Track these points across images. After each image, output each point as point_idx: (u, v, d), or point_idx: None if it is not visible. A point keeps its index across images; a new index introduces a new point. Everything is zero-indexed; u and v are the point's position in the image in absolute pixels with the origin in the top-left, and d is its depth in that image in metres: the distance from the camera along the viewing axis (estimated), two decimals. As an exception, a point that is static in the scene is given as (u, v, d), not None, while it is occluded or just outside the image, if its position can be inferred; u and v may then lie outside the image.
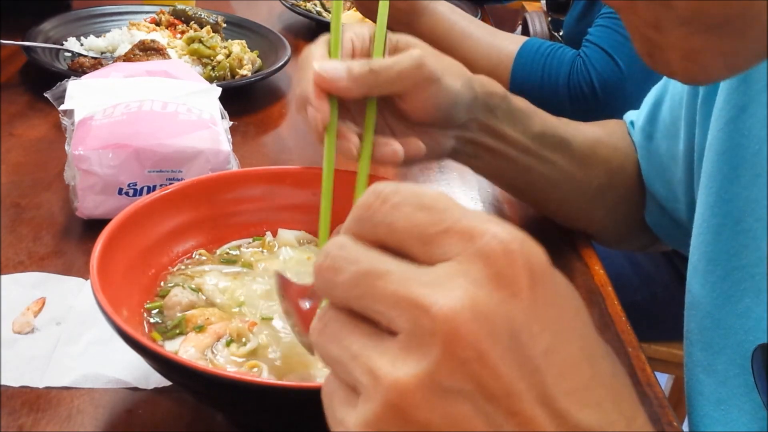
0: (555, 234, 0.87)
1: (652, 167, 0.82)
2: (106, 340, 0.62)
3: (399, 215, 0.34)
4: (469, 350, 0.31)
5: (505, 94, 0.76)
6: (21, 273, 0.71)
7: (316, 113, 0.63)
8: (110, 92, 0.85)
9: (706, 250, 0.66)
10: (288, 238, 0.69)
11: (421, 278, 0.33)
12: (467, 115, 0.72)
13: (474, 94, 0.72)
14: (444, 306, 0.31)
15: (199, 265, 0.66)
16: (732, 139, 0.64)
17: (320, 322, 0.35)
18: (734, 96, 0.65)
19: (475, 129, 0.74)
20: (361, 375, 0.33)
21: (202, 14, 1.28)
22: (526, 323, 0.32)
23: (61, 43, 1.19)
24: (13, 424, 0.56)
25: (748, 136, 0.63)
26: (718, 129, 0.66)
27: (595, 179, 0.82)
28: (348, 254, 0.34)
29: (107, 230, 0.59)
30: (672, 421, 0.63)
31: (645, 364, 0.69)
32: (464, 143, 0.74)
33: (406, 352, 0.32)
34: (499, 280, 0.32)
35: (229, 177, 0.71)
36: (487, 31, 1.28)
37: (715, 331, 0.63)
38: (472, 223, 0.33)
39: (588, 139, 0.82)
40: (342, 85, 0.63)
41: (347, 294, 0.34)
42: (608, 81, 1.21)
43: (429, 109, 0.68)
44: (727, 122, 0.65)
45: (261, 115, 1.11)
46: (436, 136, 0.72)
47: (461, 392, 0.32)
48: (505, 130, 0.75)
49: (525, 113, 0.77)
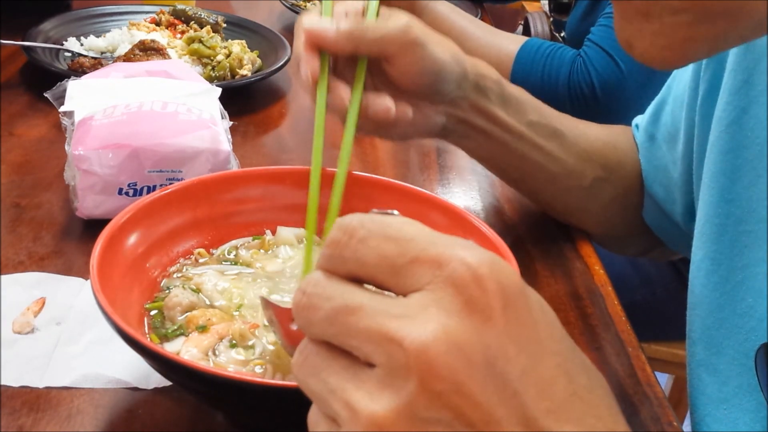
0: (555, 234, 0.87)
1: (652, 168, 0.82)
2: (106, 340, 0.62)
3: (367, 250, 0.35)
4: (445, 383, 0.31)
5: (498, 79, 0.77)
6: (21, 273, 0.71)
7: (307, 66, 0.65)
8: (110, 92, 0.85)
9: (709, 250, 0.66)
10: (287, 236, 0.69)
11: (393, 311, 0.33)
12: (457, 91, 0.73)
13: (464, 70, 0.73)
14: (416, 339, 0.32)
15: (199, 266, 0.66)
16: (734, 140, 0.65)
17: (300, 356, 0.36)
18: (736, 98, 0.65)
19: (466, 108, 0.75)
20: (340, 409, 0.33)
21: (202, 14, 1.28)
22: (501, 348, 0.32)
23: (61, 43, 1.19)
24: (13, 424, 0.56)
25: (750, 137, 0.63)
26: (720, 130, 0.66)
27: (590, 172, 0.82)
28: (322, 291, 0.35)
29: (107, 230, 0.59)
30: (672, 420, 0.63)
31: (645, 364, 0.69)
32: (456, 122, 0.75)
33: (383, 386, 0.32)
34: (471, 306, 0.32)
35: (229, 177, 0.71)
36: (487, 31, 1.28)
37: (717, 331, 0.63)
38: (440, 250, 0.33)
39: (586, 134, 0.83)
40: (330, 37, 0.66)
41: (324, 331, 0.35)
42: (608, 81, 1.21)
43: (414, 75, 0.70)
44: (729, 124, 0.65)
45: (261, 115, 1.11)
46: (426, 110, 0.73)
47: (440, 422, 0.32)
48: (497, 113, 0.76)
49: (519, 100, 0.78)
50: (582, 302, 0.77)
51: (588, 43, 1.24)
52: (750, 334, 0.60)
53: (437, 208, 0.69)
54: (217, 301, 0.62)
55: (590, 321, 0.74)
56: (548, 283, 0.79)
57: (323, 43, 0.66)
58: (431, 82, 0.71)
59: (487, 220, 0.88)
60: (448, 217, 0.68)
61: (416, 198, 0.70)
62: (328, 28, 0.66)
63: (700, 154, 0.71)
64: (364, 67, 0.68)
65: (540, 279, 0.79)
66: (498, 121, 0.76)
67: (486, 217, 0.90)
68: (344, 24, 0.66)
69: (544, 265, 0.81)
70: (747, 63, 0.66)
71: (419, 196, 0.70)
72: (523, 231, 0.88)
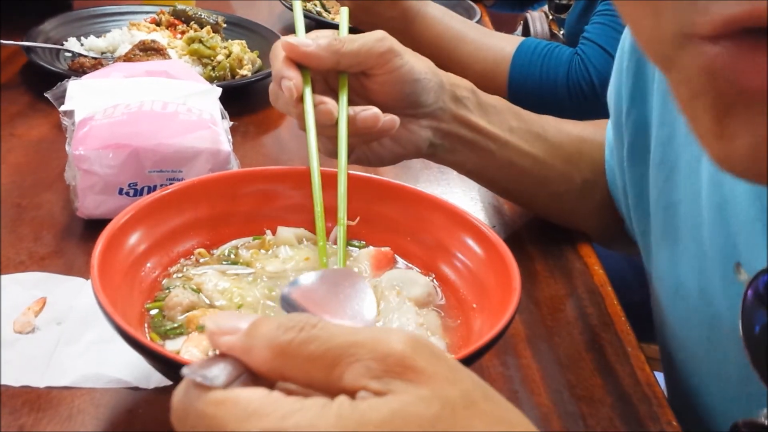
0: (555, 234, 0.87)
1: (611, 176, 0.83)
2: (107, 340, 0.62)
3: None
4: None
5: (472, 88, 0.78)
6: (21, 273, 0.71)
7: (290, 81, 0.67)
8: (110, 92, 0.85)
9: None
10: (287, 236, 0.69)
11: None
12: (436, 102, 0.75)
13: (440, 80, 0.75)
14: None
15: (199, 266, 0.66)
16: (672, 197, 0.68)
17: None
18: (667, 151, 0.68)
19: (449, 119, 0.76)
20: None
21: (202, 14, 1.29)
22: None
23: (61, 43, 1.19)
24: (13, 424, 0.56)
25: (683, 192, 0.66)
26: (659, 187, 0.69)
27: (578, 174, 0.83)
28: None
29: (107, 230, 0.59)
30: (671, 420, 0.63)
31: (645, 364, 0.69)
32: (441, 136, 0.76)
33: None
34: None
35: (229, 177, 0.71)
36: (481, 33, 1.28)
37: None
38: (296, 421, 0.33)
39: (570, 135, 0.83)
40: (310, 50, 0.69)
41: None
42: (607, 78, 1.20)
43: (394, 85, 0.72)
44: (665, 180, 0.68)
45: (261, 115, 1.11)
46: (411, 125, 0.74)
47: None
48: (479, 122, 0.77)
49: (497, 108, 0.79)
50: (581, 302, 0.77)
51: (584, 41, 1.24)
52: None
53: (437, 208, 0.69)
54: (217, 301, 0.62)
55: (590, 321, 0.74)
56: (548, 283, 0.79)
57: (304, 57, 0.69)
58: (411, 91, 0.73)
59: (487, 220, 0.88)
60: (448, 217, 0.68)
61: (416, 198, 0.70)
62: (308, 42, 0.69)
63: (633, 201, 0.74)
64: (346, 82, 0.71)
65: (540, 279, 0.79)
66: (481, 130, 0.77)
67: (486, 217, 0.90)
68: (322, 39, 0.69)
69: (543, 265, 0.82)
70: (668, 114, 0.67)
71: (419, 196, 0.70)
72: (522, 231, 0.88)
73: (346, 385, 0.34)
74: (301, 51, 0.69)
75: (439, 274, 0.68)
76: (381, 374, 0.34)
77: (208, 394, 0.35)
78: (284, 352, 0.35)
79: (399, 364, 0.34)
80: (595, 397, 0.65)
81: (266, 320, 0.37)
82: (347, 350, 0.34)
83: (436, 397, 0.33)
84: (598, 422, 0.63)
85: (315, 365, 0.35)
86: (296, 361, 0.35)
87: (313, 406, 0.33)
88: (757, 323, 0.54)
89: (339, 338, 0.35)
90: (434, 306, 0.65)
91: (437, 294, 0.66)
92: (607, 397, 0.65)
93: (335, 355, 0.34)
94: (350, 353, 0.34)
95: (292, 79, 0.68)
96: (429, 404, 0.33)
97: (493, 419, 0.34)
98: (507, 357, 0.68)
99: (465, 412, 0.34)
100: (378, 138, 0.73)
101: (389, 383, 0.33)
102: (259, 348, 0.36)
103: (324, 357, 0.34)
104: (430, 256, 0.68)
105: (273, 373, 0.36)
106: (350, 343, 0.34)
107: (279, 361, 0.35)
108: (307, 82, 0.69)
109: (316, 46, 0.69)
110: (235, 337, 0.37)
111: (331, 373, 0.34)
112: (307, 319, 0.36)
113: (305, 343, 0.35)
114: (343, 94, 0.70)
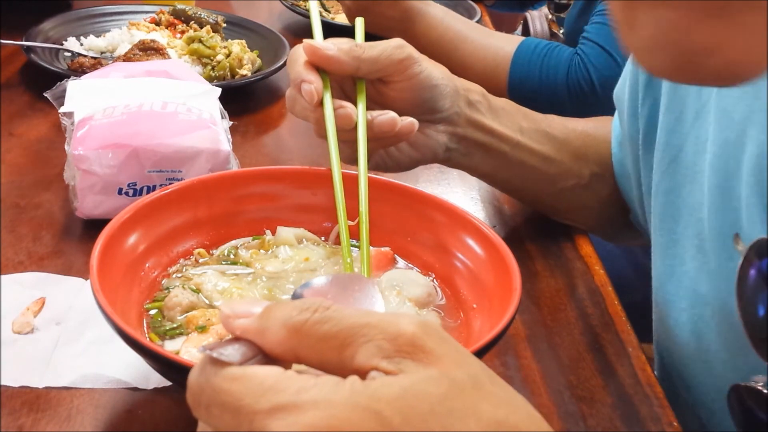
0: (555, 234, 0.87)
1: (620, 168, 0.84)
2: (106, 340, 0.62)
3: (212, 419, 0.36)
4: None
5: (483, 92, 0.80)
6: (21, 273, 0.71)
7: (310, 84, 0.68)
8: (110, 92, 0.85)
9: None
10: (287, 236, 0.69)
11: None
12: (452, 107, 0.76)
13: (455, 86, 0.76)
14: None
15: (199, 266, 0.66)
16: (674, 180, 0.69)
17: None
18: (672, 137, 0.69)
19: (463, 123, 0.77)
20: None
21: (202, 14, 1.28)
22: None
23: (61, 43, 1.19)
24: (12, 424, 0.56)
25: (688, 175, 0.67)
26: (662, 170, 0.70)
27: (586, 168, 0.84)
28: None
29: (107, 230, 0.59)
30: (672, 421, 0.63)
31: (645, 364, 0.69)
32: (457, 140, 0.77)
33: None
34: None
35: (229, 177, 0.71)
36: (482, 33, 1.28)
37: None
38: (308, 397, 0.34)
39: (575, 131, 0.85)
40: (332, 54, 0.69)
41: None
42: (607, 77, 1.21)
43: (413, 91, 0.73)
44: (670, 163, 0.69)
45: (261, 115, 1.11)
46: (427, 130, 0.75)
47: None
48: (491, 124, 0.78)
49: (506, 110, 0.80)
50: (582, 302, 0.77)
51: (584, 41, 1.24)
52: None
53: (437, 208, 0.69)
54: (216, 301, 0.62)
55: (590, 321, 0.74)
56: (548, 283, 0.79)
57: (325, 61, 0.69)
58: (429, 97, 0.74)
59: (487, 220, 0.88)
60: (448, 217, 0.68)
61: (416, 198, 0.70)
62: (330, 46, 0.69)
63: (647, 189, 0.74)
64: (363, 88, 0.72)
65: (540, 279, 0.79)
66: (494, 132, 0.79)
67: (486, 216, 0.90)
68: (344, 45, 0.70)
69: (544, 265, 0.82)
70: (677, 100, 0.68)
71: (419, 196, 0.70)
72: (523, 230, 0.88)
73: (357, 365, 0.35)
74: (323, 54, 0.69)
75: (439, 274, 0.67)
76: (392, 354, 0.35)
77: (225, 369, 0.36)
78: (298, 332, 0.36)
79: (409, 345, 0.35)
80: (596, 397, 0.65)
81: (280, 304, 0.38)
82: (359, 330, 0.35)
83: (445, 376, 0.34)
84: (599, 423, 0.63)
85: (328, 345, 0.36)
86: (310, 340, 0.36)
87: (327, 382, 0.34)
88: (761, 304, 0.54)
89: (351, 319, 0.36)
90: (434, 306, 0.65)
91: (437, 294, 0.66)
92: (607, 397, 0.65)
93: (348, 335, 0.35)
94: (362, 333, 0.35)
95: (313, 82, 0.68)
96: (438, 383, 0.34)
97: (499, 401, 0.35)
98: (507, 357, 0.68)
99: (473, 392, 0.35)
100: (396, 142, 0.74)
101: (400, 363, 0.35)
102: (274, 329, 0.37)
103: (337, 337, 0.36)
104: (430, 256, 0.68)
105: (287, 354, 0.37)
106: (362, 324, 0.36)
107: (293, 341, 0.36)
108: (326, 87, 0.69)
109: (338, 50, 0.69)
110: (249, 320, 0.38)
111: (343, 352, 0.35)
112: (321, 301, 0.37)
113: (319, 324, 0.36)
114: (361, 100, 0.71)
